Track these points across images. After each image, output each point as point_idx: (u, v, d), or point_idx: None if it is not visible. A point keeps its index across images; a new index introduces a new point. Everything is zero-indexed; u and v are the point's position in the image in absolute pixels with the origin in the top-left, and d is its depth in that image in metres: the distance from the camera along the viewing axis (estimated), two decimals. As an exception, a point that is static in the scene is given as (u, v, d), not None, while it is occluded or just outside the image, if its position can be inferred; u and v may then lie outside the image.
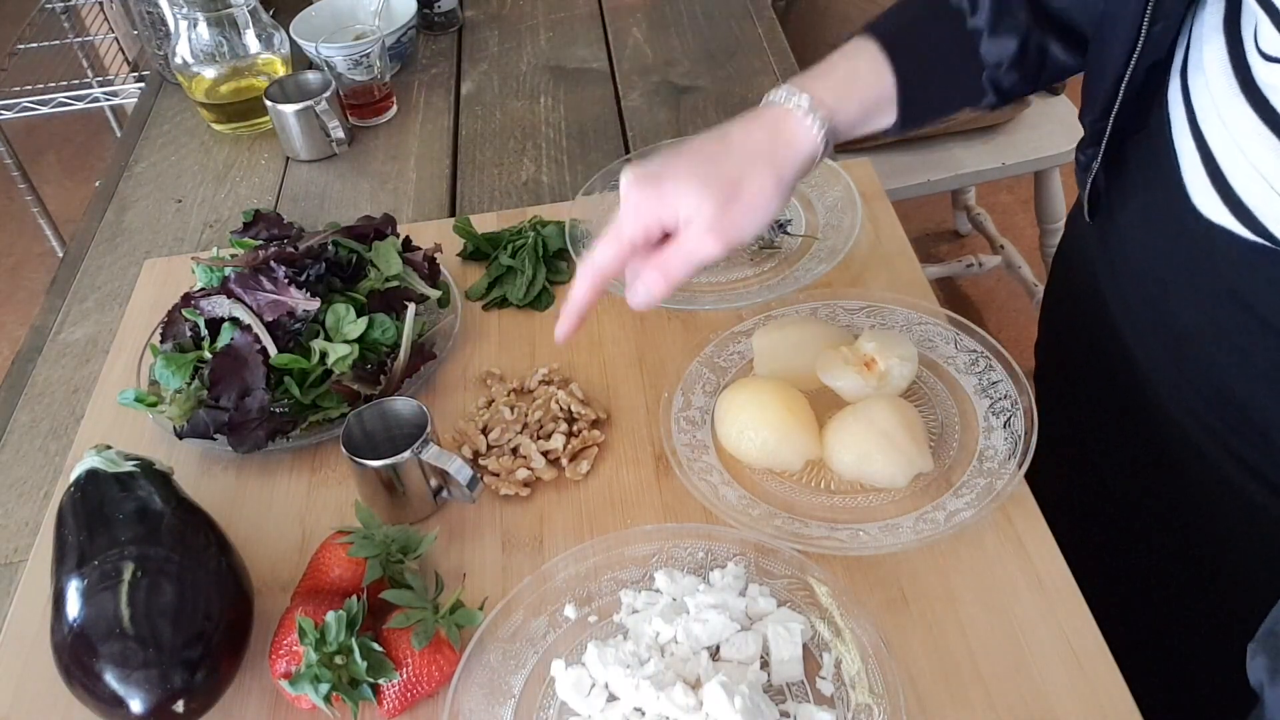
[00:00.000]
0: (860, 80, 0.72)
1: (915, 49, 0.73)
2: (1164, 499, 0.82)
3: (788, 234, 0.97)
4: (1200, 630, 0.86)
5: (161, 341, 0.88)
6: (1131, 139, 0.75)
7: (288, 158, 1.21)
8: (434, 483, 0.78)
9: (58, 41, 2.17)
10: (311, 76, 1.19)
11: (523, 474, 0.79)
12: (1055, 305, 0.96)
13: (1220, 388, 0.71)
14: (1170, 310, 0.73)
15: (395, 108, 1.26)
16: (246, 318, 0.83)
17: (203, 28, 1.20)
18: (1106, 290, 0.81)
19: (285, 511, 0.81)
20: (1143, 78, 0.71)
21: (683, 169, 0.67)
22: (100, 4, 2.22)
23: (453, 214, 1.10)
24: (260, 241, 0.93)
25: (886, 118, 0.73)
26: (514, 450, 0.81)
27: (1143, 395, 0.79)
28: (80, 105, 1.98)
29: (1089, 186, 0.79)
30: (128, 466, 0.72)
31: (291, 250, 0.87)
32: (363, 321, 0.85)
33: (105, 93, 2.03)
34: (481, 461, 0.81)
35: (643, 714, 0.63)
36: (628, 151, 1.14)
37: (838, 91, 0.71)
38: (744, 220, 0.67)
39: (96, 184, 1.23)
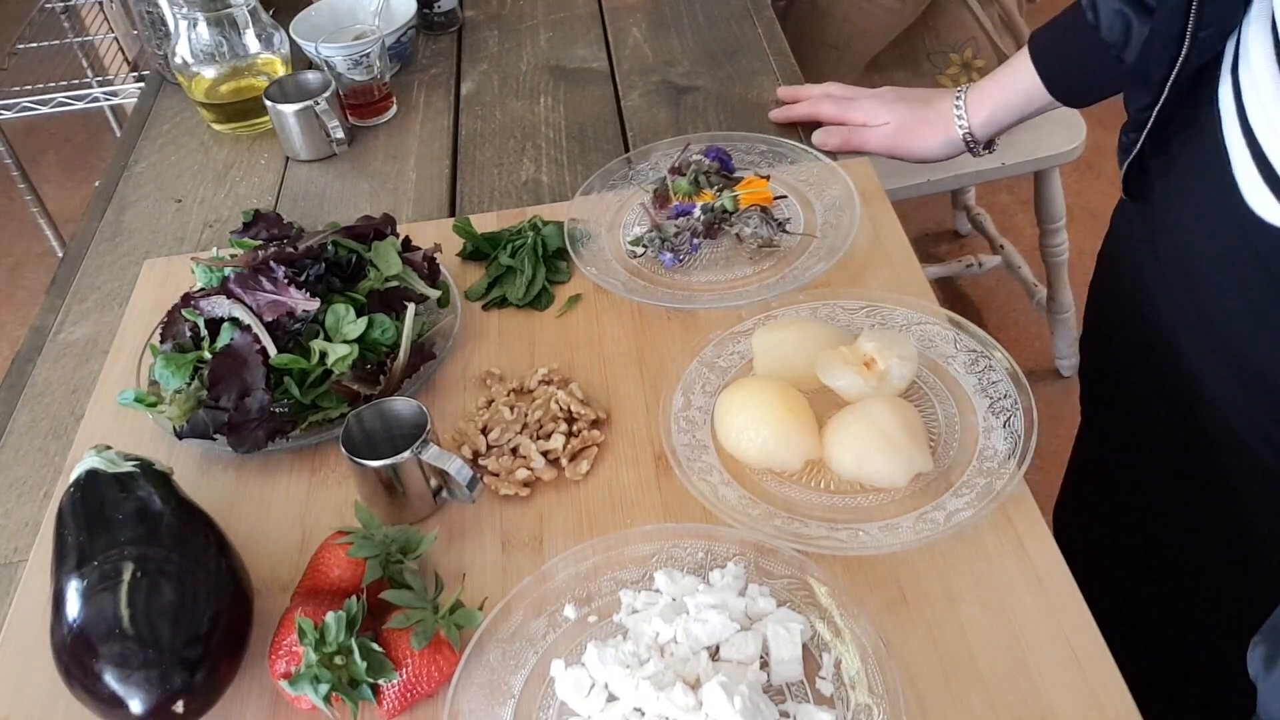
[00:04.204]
0: (1014, 86, 0.98)
1: (1058, 51, 0.93)
2: (1203, 495, 0.82)
3: (786, 232, 0.97)
4: (1207, 630, 0.86)
5: (161, 341, 0.88)
6: (1180, 135, 0.76)
7: (287, 158, 1.21)
8: (434, 483, 0.78)
9: (58, 41, 2.18)
10: (311, 76, 1.19)
11: (522, 474, 0.79)
12: (1100, 300, 0.96)
13: (1269, 384, 0.71)
14: (1217, 305, 0.74)
15: (395, 108, 1.26)
16: (246, 318, 0.83)
17: (203, 28, 1.20)
18: (1152, 284, 0.82)
19: (285, 511, 0.81)
20: (1191, 76, 0.72)
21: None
22: (100, 4, 2.23)
23: (452, 214, 1.10)
24: (260, 241, 0.93)
25: (1053, 105, 0.97)
26: (514, 450, 0.81)
27: (1188, 391, 0.79)
28: (80, 105, 1.99)
29: (1126, 168, 0.82)
30: (127, 467, 0.72)
31: (291, 250, 0.87)
32: (362, 321, 0.85)
33: (105, 93, 2.04)
34: (481, 461, 0.81)
35: (642, 714, 0.63)
36: (628, 151, 1.14)
37: (994, 97, 1.00)
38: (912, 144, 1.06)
39: (96, 184, 1.23)
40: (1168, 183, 0.79)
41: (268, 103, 1.17)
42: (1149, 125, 0.77)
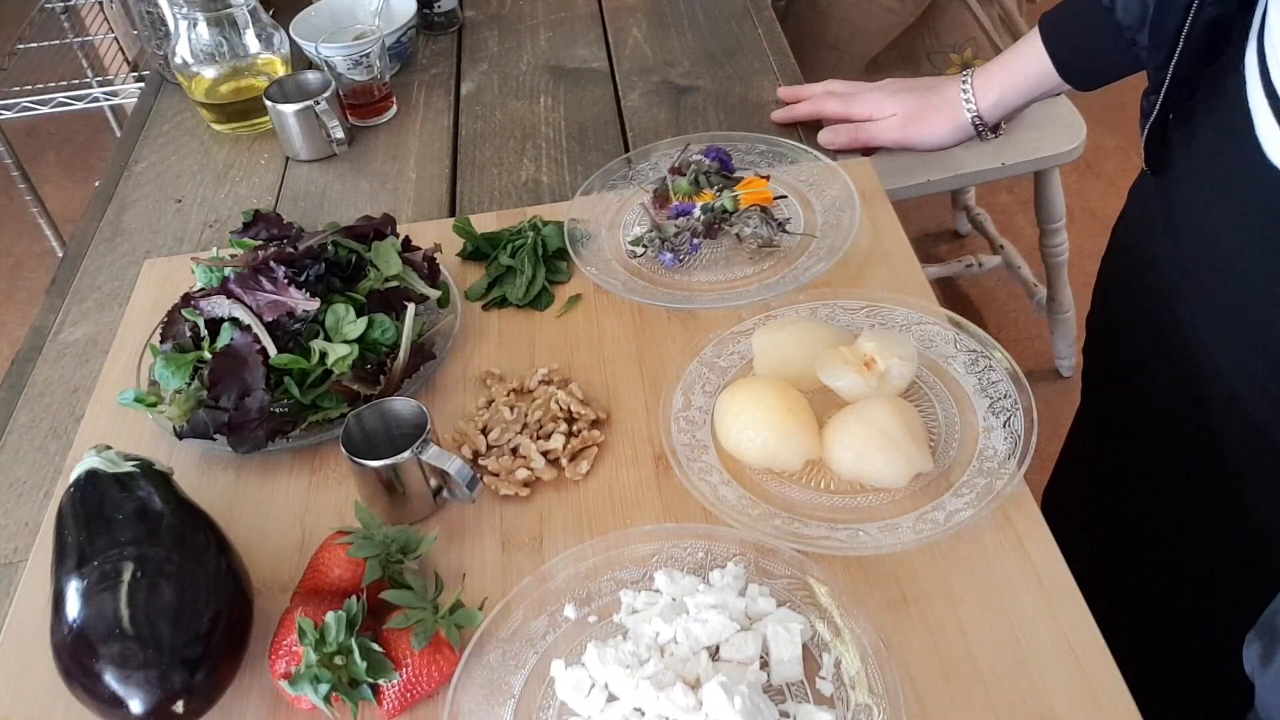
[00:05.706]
0: (1022, 70, 0.99)
1: (1069, 33, 0.93)
2: (1211, 487, 0.82)
3: (786, 232, 0.97)
4: (1209, 629, 0.86)
5: (161, 341, 0.88)
6: (1204, 104, 0.76)
7: (287, 158, 1.21)
8: (434, 483, 0.78)
9: (58, 41, 2.18)
10: (311, 76, 1.19)
11: (522, 474, 0.79)
12: (1110, 279, 0.96)
13: None
14: (1235, 273, 0.73)
15: (395, 108, 1.26)
16: (246, 318, 0.83)
17: (203, 28, 1.20)
18: (1167, 256, 0.82)
19: (285, 511, 0.81)
20: (1204, 30, 0.72)
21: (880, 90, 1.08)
22: (100, 4, 2.23)
23: (452, 214, 1.10)
24: (260, 241, 0.93)
25: (1060, 88, 0.97)
26: (514, 450, 0.81)
27: (1200, 368, 0.79)
28: (80, 105, 1.99)
29: (1147, 138, 0.81)
30: (127, 467, 0.72)
31: (291, 250, 0.87)
32: (362, 321, 0.85)
33: (105, 93, 2.04)
34: (481, 461, 0.81)
35: (642, 714, 0.63)
36: (627, 151, 1.14)
37: (1002, 80, 1.01)
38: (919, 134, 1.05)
39: (96, 184, 1.23)
40: (1189, 151, 0.78)
41: (268, 103, 1.17)
42: (1166, 84, 0.76)
